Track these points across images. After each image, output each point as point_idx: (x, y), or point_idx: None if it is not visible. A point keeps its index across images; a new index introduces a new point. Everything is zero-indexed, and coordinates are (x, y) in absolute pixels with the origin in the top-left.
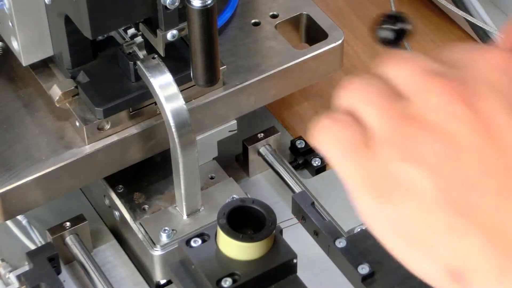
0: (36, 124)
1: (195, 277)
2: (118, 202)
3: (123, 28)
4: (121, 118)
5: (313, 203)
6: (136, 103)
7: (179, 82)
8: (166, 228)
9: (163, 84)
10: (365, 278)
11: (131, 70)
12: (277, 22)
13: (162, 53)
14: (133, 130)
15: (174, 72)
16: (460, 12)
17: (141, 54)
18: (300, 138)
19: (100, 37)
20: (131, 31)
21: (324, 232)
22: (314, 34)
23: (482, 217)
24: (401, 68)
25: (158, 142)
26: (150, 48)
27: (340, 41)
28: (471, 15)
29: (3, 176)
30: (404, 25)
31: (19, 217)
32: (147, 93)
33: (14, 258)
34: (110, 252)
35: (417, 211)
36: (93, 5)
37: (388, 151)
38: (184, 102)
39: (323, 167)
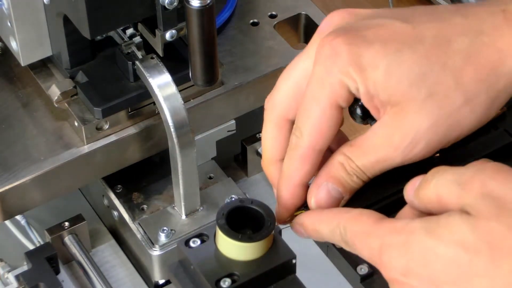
0: (35, 124)
1: (194, 277)
2: (116, 202)
3: (121, 28)
4: (120, 118)
5: None
6: (135, 103)
7: (178, 82)
8: (165, 228)
9: (161, 84)
10: (364, 278)
11: (130, 70)
12: (276, 22)
13: (160, 53)
14: (131, 130)
15: (172, 72)
16: None
17: (140, 54)
18: None
19: (98, 37)
20: (130, 31)
21: None
22: (312, 34)
23: None
24: None
25: (157, 142)
26: (148, 48)
27: None
28: None
29: (2, 176)
30: None
31: (18, 217)
32: (145, 93)
33: (12, 258)
34: (108, 252)
35: None
36: (92, 5)
37: None
38: (182, 102)
39: None
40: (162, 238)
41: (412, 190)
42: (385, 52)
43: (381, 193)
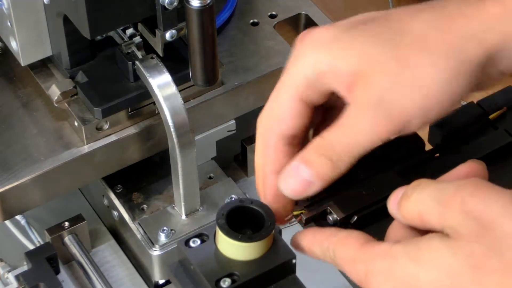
0: (35, 124)
1: (194, 277)
2: (116, 202)
3: (121, 28)
4: (120, 118)
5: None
6: (135, 103)
7: (178, 82)
8: (165, 228)
9: (161, 84)
10: None
11: (130, 70)
12: (276, 22)
13: (160, 53)
14: (131, 130)
15: (172, 72)
16: None
17: (140, 54)
18: None
19: (98, 37)
20: (130, 31)
21: None
22: None
23: None
24: None
25: (157, 142)
26: (148, 48)
27: None
28: None
29: (2, 176)
30: None
31: (18, 217)
32: (145, 93)
33: (12, 258)
34: (108, 252)
35: None
36: (92, 5)
37: None
38: (182, 102)
39: None
40: (162, 238)
41: (395, 203)
42: (346, 27)
43: (377, 196)
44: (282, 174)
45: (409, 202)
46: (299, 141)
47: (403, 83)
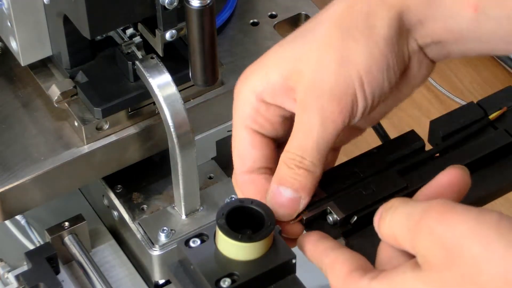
0: (35, 124)
1: (194, 277)
2: (116, 202)
3: (121, 28)
4: (120, 118)
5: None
6: (135, 103)
7: (178, 82)
8: (165, 228)
9: (161, 84)
10: None
11: (130, 70)
12: (276, 22)
13: (160, 53)
14: (131, 130)
15: (172, 72)
16: None
17: (140, 54)
18: None
19: (98, 37)
20: (130, 31)
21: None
22: None
23: None
24: None
25: (157, 142)
26: (148, 48)
27: None
28: None
29: (2, 176)
30: None
31: (18, 217)
32: (145, 93)
33: (12, 258)
34: (108, 252)
35: None
36: (92, 5)
37: None
38: (182, 102)
39: None
40: (162, 238)
41: (377, 223)
42: (266, 52)
43: (377, 196)
44: (268, 204)
45: (385, 224)
46: (274, 170)
47: (331, 63)
